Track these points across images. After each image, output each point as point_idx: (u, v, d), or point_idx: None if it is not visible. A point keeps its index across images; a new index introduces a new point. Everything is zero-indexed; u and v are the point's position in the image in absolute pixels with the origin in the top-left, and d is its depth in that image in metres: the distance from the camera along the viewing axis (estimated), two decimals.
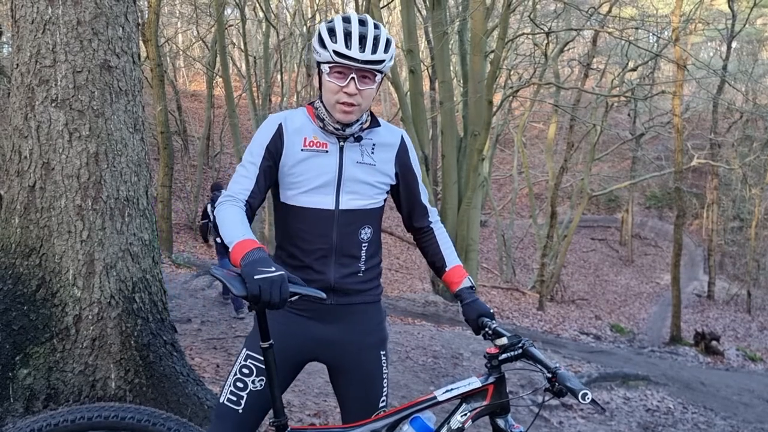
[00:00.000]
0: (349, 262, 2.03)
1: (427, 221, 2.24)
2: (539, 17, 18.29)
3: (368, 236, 2.06)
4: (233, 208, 1.88)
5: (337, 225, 2.00)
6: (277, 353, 1.90)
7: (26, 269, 2.65)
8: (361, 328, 2.08)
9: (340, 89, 1.91)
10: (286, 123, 2.00)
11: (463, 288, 2.15)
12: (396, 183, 2.13)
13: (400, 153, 2.12)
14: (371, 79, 1.95)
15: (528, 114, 24.71)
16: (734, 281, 25.21)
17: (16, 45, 2.72)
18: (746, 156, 24.01)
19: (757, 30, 27.90)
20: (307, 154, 1.98)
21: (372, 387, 2.09)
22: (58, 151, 2.64)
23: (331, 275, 2.01)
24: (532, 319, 16.62)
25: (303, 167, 1.97)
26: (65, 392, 2.62)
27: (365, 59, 1.89)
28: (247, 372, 1.98)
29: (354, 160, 2.01)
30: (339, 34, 1.89)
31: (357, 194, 2.01)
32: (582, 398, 1.67)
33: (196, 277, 8.78)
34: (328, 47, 1.89)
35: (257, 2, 20.12)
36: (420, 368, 6.38)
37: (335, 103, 1.93)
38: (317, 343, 2.04)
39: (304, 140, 1.99)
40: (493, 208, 25.67)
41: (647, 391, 7.63)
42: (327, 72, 1.92)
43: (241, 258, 1.71)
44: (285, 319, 2.02)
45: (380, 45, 1.91)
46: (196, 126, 27.46)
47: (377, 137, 2.07)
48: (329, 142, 2.00)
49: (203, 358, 4.75)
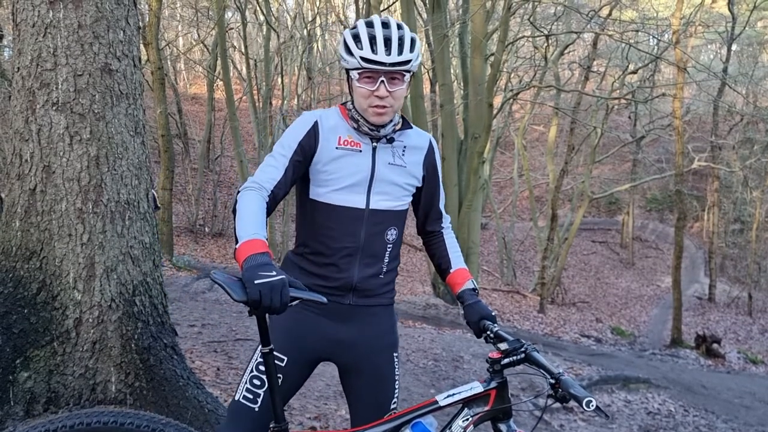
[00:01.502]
0: (373, 262, 2.06)
1: (440, 226, 2.27)
2: (539, 20, 18.31)
3: (393, 237, 2.09)
4: (256, 199, 1.87)
5: (366, 224, 2.02)
6: (291, 351, 1.96)
7: (27, 272, 2.65)
8: (375, 331, 2.09)
9: (371, 93, 1.94)
10: (321, 121, 2.02)
11: (465, 290, 2.16)
12: (421, 186, 2.15)
13: (428, 156, 2.15)
14: (400, 80, 1.97)
15: (528, 117, 24.73)
16: (735, 284, 25.18)
17: (17, 48, 2.72)
18: (747, 158, 24.01)
19: (758, 33, 27.90)
20: (342, 153, 2.00)
21: (383, 389, 2.11)
22: (58, 155, 2.64)
23: (354, 274, 2.03)
24: (533, 322, 16.60)
25: (336, 165, 1.99)
26: (65, 395, 2.62)
27: (392, 62, 1.91)
28: (263, 369, 1.97)
29: (386, 161, 2.04)
30: (364, 39, 1.92)
31: (387, 195, 2.04)
32: (586, 406, 1.66)
33: (196, 280, 8.77)
34: (355, 54, 1.92)
35: (258, 5, 20.14)
36: (421, 371, 6.37)
37: (368, 107, 1.96)
38: (331, 343, 2.05)
39: (338, 139, 2.01)
40: (494, 210, 25.66)
41: (648, 394, 7.62)
42: (356, 78, 1.95)
43: (244, 260, 1.70)
44: (301, 317, 2.04)
45: (405, 45, 1.94)
46: (196, 129, 27.49)
47: (408, 140, 2.10)
48: (363, 142, 2.03)
49: (204, 361, 4.74)
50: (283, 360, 2.01)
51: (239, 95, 24.92)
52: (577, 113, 20.93)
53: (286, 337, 2.03)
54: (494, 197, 28.11)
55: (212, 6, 18.96)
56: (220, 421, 2.88)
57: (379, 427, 1.89)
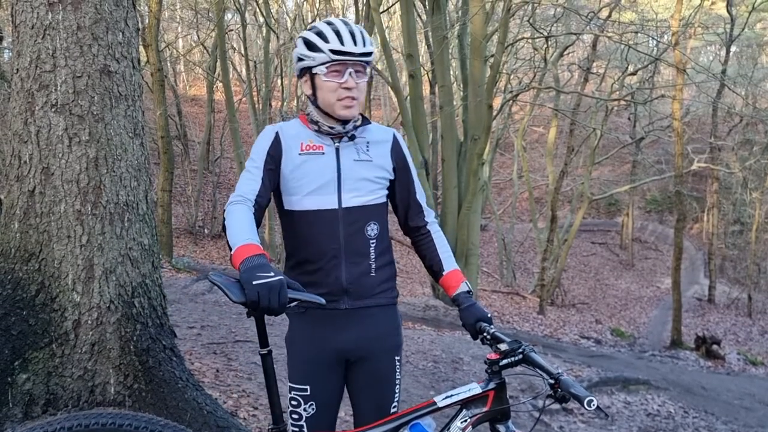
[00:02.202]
0: (359, 260, 2.07)
1: (423, 220, 2.25)
2: (539, 21, 18.31)
3: (375, 232, 2.10)
4: (243, 210, 1.92)
5: (343, 223, 2.05)
6: (309, 377, 2.06)
7: (25, 274, 2.65)
8: (374, 333, 2.10)
9: (338, 86, 1.99)
10: (282, 131, 2.08)
11: (460, 293, 2.16)
12: (393, 178, 2.17)
13: (395, 148, 2.18)
14: (363, 73, 2.04)
15: (528, 118, 24.72)
16: (735, 285, 25.17)
17: (16, 50, 2.72)
18: (746, 160, 24.01)
19: (757, 34, 27.94)
20: (305, 158, 2.05)
21: (384, 392, 2.12)
22: (57, 156, 2.64)
23: (343, 276, 2.05)
24: (533, 323, 16.59)
25: (302, 171, 2.03)
26: (64, 397, 2.61)
27: (361, 51, 1.98)
28: (295, 404, 2.08)
29: (351, 158, 2.08)
30: (329, 34, 1.98)
31: (358, 191, 2.06)
32: (588, 405, 1.66)
33: (195, 282, 8.77)
34: (323, 48, 1.97)
35: (258, 7, 20.16)
36: (420, 373, 6.36)
37: (335, 101, 2.00)
38: (337, 351, 2.08)
39: (300, 145, 2.06)
40: (494, 212, 25.65)
41: (648, 396, 7.61)
42: (324, 73, 1.99)
43: (241, 263, 1.71)
44: (311, 327, 2.08)
45: (366, 39, 2.02)
46: (196, 130, 27.49)
47: (370, 135, 2.14)
48: (324, 144, 2.07)
49: (203, 363, 4.73)
50: (306, 389, 2.08)
51: (239, 97, 24.92)
52: (577, 114, 20.93)
53: (298, 367, 2.10)
54: (494, 198, 28.11)
55: (212, 8, 18.97)
56: (219, 423, 2.88)
57: (378, 428, 1.89)
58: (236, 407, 3.86)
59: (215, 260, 18.41)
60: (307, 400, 2.06)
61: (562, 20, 19.09)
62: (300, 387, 2.06)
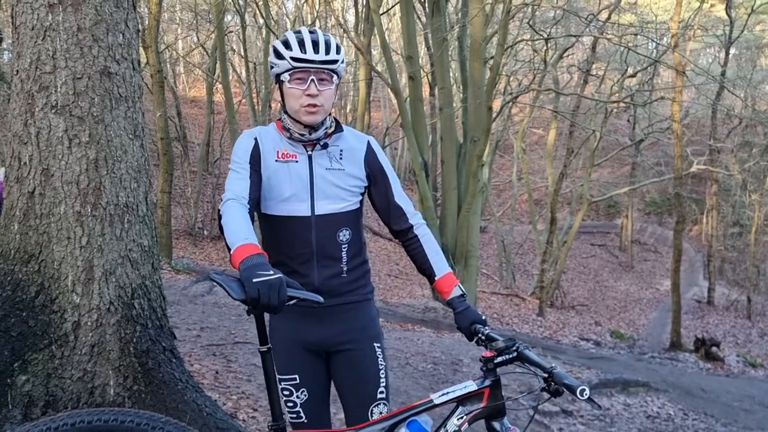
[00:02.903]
0: (331, 263, 2.14)
1: (407, 223, 2.27)
2: (538, 24, 18.32)
3: (347, 238, 2.16)
4: (238, 209, 1.95)
5: (315, 230, 2.11)
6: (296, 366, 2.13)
7: (25, 275, 2.65)
8: (350, 325, 2.17)
9: (302, 93, 2.04)
10: (260, 137, 2.14)
11: (454, 297, 2.20)
12: (368, 184, 2.22)
13: (368, 155, 2.21)
14: (329, 81, 2.07)
15: (527, 120, 24.74)
16: (734, 287, 25.18)
17: (16, 51, 2.73)
18: (746, 162, 24.04)
19: (756, 36, 27.97)
20: (280, 165, 2.11)
21: (366, 379, 2.17)
22: (57, 158, 2.65)
23: (314, 277, 2.12)
24: (532, 325, 16.59)
25: (277, 178, 2.10)
26: (64, 399, 2.61)
27: (321, 59, 2.03)
28: (288, 393, 2.16)
29: (323, 166, 2.13)
30: (293, 43, 2.04)
31: (330, 199, 2.12)
32: (580, 394, 1.69)
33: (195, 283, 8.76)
34: (285, 56, 2.03)
35: (257, 8, 20.17)
36: (420, 374, 6.37)
37: (299, 107, 2.06)
38: (315, 344, 2.15)
39: (277, 153, 2.12)
40: (493, 214, 25.66)
41: (647, 398, 7.61)
42: (288, 80, 2.05)
43: (241, 262, 1.74)
44: (289, 323, 2.14)
45: (332, 47, 2.06)
46: (196, 132, 27.48)
47: (344, 143, 2.18)
48: (298, 152, 2.13)
49: (202, 365, 4.74)
50: (295, 377, 2.16)
51: (238, 98, 24.93)
52: (576, 116, 20.95)
53: (284, 358, 2.15)
54: (493, 200, 28.12)
55: (212, 9, 18.98)
56: (219, 425, 2.88)
57: (374, 426, 1.91)
58: (236, 409, 3.86)
59: (215, 262, 18.41)
60: (298, 387, 2.14)
61: (562, 22, 19.11)
62: (289, 377, 2.14)
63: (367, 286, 2.24)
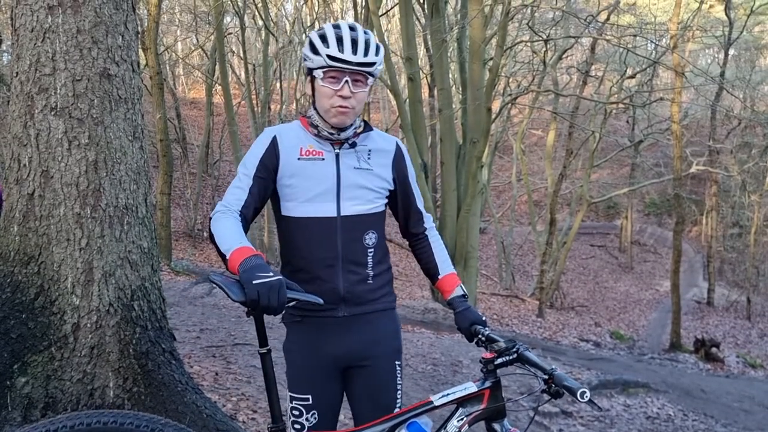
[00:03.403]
0: (356, 269, 2.04)
1: (423, 227, 2.25)
2: (538, 25, 18.34)
3: (373, 241, 2.07)
4: (229, 218, 1.90)
5: (341, 231, 2.00)
6: (311, 386, 2.03)
7: (25, 277, 2.65)
8: (373, 337, 2.08)
9: (334, 93, 1.94)
10: (281, 135, 2.02)
11: (455, 296, 2.16)
12: (393, 189, 2.13)
13: (397, 159, 2.13)
14: (363, 83, 1.98)
15: (527, 121, 24.75)
16: (734, 288, 25.18)
17: (15, 53, 2.73)
18: (745, 162, 24.05)
19: (755, 37, 27.98)
20: (304, 164, 2.00)
21: (386, 398, 2.10)
22: (57, 159, 2.65)
23: (340, 284, 2.01)
24: (532, 326, 16.59)
25: (301, 177, 1.99)
26: (63, 401, 2.61)
27: (358, 61, 1.92)
28: (297, 414, 2.05)
29: (351, 165, 2.03)
30: (331, 39, 1.93)
31: (357, 199, 2.02)
32: (581, 396, 1.68)
33: (195, 285, 8.76)
34: (321, 52, 1.92)
35: (256, 10, 20.18)
36: (420, 376, 6.36)
37: (329, 107, 1.96)
38: (337, 357, 2.05)
39: (300, 150, 2.01)
40: (493, 215, 25.66)
41: (647, 399, 7.61)
42: (321, 77, 1.95)
43: (239, 264, 1.72)
44: (308, 336, 2.05)
45: (371, 48, 1.95)
46: (195, 134, 27.48)
47: (372, 143, 2.09)
48: (325, 150, 2.02)
49: (202, 366, 4.73)
50: (308, 398, 2.05)
51: (238, 100, 24.94)
52: (576, 117, 20.96)
53: (298, 375, 2.07)
54: (493, 201, 28.12)
55: (211, 11, 18.99)
56: (219, 427, 2.88)
57: (375, 427, 1.90)
58: (235, 410, 3.86)
59: (214, 263, 18.39)
60: (309, 409, 2.03)
61: (561, 23, 19.13)
62: (301, 396, 2.04)
63: (391, 294, 2.16)
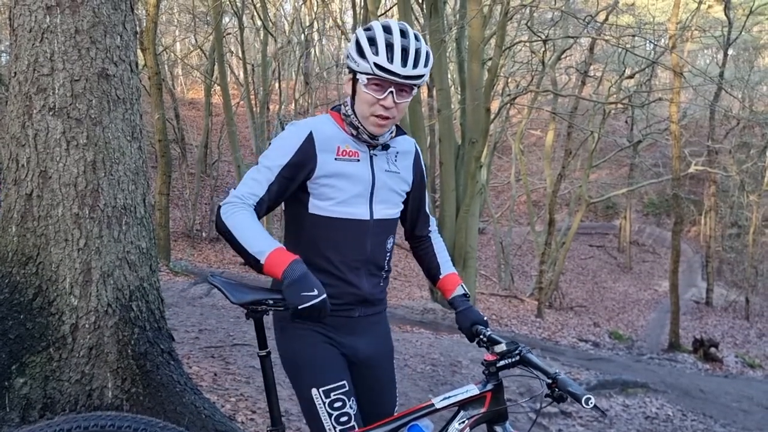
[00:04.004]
0: (376, 272, 2.03)
1: (428, 230, 2.25)
2: (536, 25, 18.35)
3: (391, 245, 2.07)
4: (246, 212, 1.80)
5: (371, 235, 1.97)
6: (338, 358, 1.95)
7: (23, 278, 2.64)
8: (380, 339, 2.10)
9: (376, 102, 1.86)
10: (316, 132, 1.91)
11: (456, 296, 2.16)
12: (410, 190, 2.11)
13: (416, 160, 2.12)
14: (408, 93, 1.89)
15: (526, 121, 24.76)
16: (732, 288, 25.20)
17: (14, 53, 2.72)
18: (744, 163, 24.07)
19: (753, 37, 28.01)
20: (341, 164, 1.91)
21: (388, 395, 2.12)
22: (55, 160, 2.64)
23: (365, 287, 1.99)
24: (531, 327, 16.59)
25: (338, 177, 1.91)
26: (62, 402, 2.60)
27: (407, 74, 1.83)
28: (340, 404, 1.89)
29: (383, 168, 1.99)
30: (380, 45, 1.82)
31: (387, 203, 2.00)
32: (586, 403, 1.67)
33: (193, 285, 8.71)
34: (369, 59, 1.82)
35: (255, 10, 20.17)
36: (419, 376, 6.36)
37: (370, 115, 1.88)
38: (349, 355, 2.02)
39: (337, 149, 1.92)
40: (491, 215, 25.67)
41: (646, 399, 7.61)
42: (364, 83, 1.85)
43: (283, 273, 1.69)
44: (326, 330, 1.97)
45: (421, 59, 1.85)
46: (194, 134, 27.45)
47: (399, 145, 2.06)
48: (360, 150, 1.95)
49: (201, 367, 4.72)
50: (344, 384, 1.92)
51: (236, 100, 24.94)
52: (575, 118, 20.97)
53: (327, 363, 1.94)
54: (492, 202, 28.12)
55: (209, 11, 18.98)
56: (217, 428, 2.87)
57: (376, 430, 1.89)
58: (234, 411, 3.85)
59: (213, 263, 18.37)
60: (349, 395, 1.91)
61: (560, 23, 19.14)
62: (338, 384, 1.90)
63: (386, 294, 2.16)
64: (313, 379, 1.90)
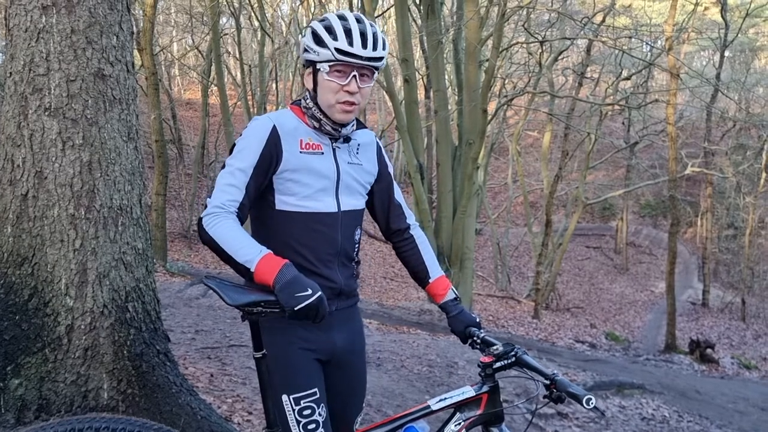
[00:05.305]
0: (348, 263, 2.03)
1: (405, 222, 2.21)
2: (533, 26, 18.38)
3: (359, 236, 2.07)
4: (231, 222, 1.79)
5: (341, 227, 1.97)
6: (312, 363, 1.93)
7: (18, 278, 2.63)
8: (354, 334, 2.09)
9: (340, 88, 1.87)
10: (279, 125, 1.90)
11: (447, 300, 2.15)
12: (374, 182, 2.11)
13: (378, 151, 2.13)
14: (369, 77, 1.91)
15: (523, 123, 24.78)
16: (729, 289, 25.25)
17: (9, 53, 2.71)
18: (740, 164, 24.12)
19: (750, 39, 28.11)
20: (306, 158, 1.91)
21: (359, 392, 2.12)
22: (51, 160, 2.63)
23: (339, 279, 1.99)
24: (528, 328, 16.60)
25: (303, 171, 1.90)
26: (57, 403, 2.60)
27: (369, 56, 1.85)
28: (309, 412, 1.88)
29: (345, 160, 2.00)
30: (339, 31, 1.84)
31: (352, 195, 2.01)
32: (586, 403, 1.66)
33: (190, 286, 8.73)
34: (329, 45, 1.83)
35: (252, 11, 20.17)
36: (415, 377, 6.35)
37: (335, 103, 1.88)
38: (326, 353, 1.99)
39: (300, 143, 1.92)
40: (489, 216, 25.69)
41: (642, 400, 7.62)
42: (326, 71, 1.86)
43: (274, 279, 1.68)
44: (301, 330, 1.94)
45: (379, 42, 1.88)
46: (191, 134, 27.44)
47: (359, 138, 2.07)
48: (323, 143, 1.96)
49: (197, 368, 4.72)
50: (315, 392, 1.91)
51: (234, 101, 24.91)
52: (571, 119, 21.00)
53: (299, 369, 1.92)
54: (489, 203, 28.13)
55: (207, 12, 18.96)
56: (214, 429, 2.86)
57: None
58: (230, 412, 3.84)
59: (210, 264, 18.35)
60: (319, 403, 1.90)
61: (557, 25, 19.17)
62: (308, 393, 1.89)
63: (358, 286, 2.15)
64: (284, 386, 1.89)
